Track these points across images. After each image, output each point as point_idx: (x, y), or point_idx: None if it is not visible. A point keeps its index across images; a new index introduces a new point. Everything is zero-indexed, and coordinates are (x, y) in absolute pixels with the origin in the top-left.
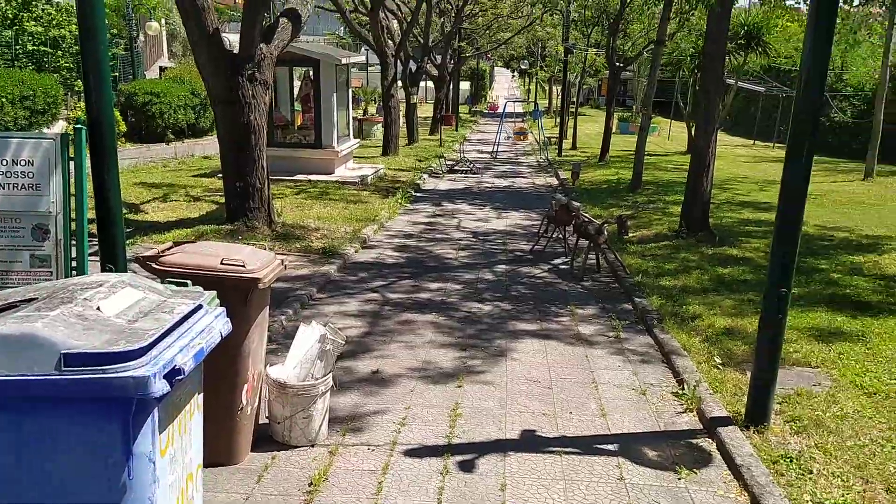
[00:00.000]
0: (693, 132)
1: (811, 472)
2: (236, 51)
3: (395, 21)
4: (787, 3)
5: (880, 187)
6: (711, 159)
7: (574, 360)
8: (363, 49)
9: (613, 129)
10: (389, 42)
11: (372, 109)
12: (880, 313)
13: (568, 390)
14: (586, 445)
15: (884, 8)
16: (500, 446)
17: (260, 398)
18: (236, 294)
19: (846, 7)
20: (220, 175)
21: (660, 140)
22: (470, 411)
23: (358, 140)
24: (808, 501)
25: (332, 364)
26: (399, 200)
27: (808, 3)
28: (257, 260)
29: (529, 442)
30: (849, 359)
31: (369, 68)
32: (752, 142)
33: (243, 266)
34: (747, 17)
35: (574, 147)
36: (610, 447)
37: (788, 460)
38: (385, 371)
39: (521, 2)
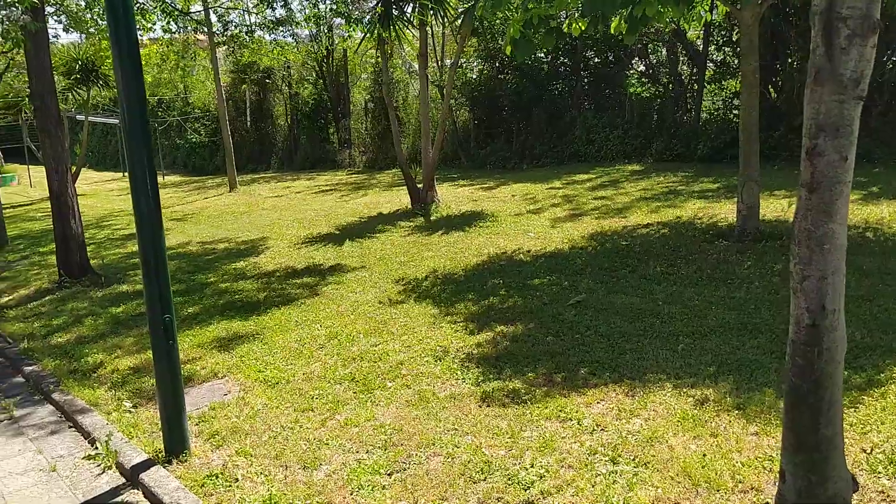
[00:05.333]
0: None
1: (237, 480)
2: None
3: None
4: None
5: (245, 196)
6: (74, 199)
7: None
8: None
9: None
10: None
11: None
12: (268, 309)
13: None
14: None
15: (205, 34)
16: None
17: None
18: None
19: (168, 35)
20: None
21: (22, 189)
22: None
23: None
24: None
25: None
26: None
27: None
28: None
29: None
30: (250, 358)
31: None
32: (121, 174)
33: None
34: (79, 52)
35: None
36: None
37: (214, 478)
38: None
39: None
